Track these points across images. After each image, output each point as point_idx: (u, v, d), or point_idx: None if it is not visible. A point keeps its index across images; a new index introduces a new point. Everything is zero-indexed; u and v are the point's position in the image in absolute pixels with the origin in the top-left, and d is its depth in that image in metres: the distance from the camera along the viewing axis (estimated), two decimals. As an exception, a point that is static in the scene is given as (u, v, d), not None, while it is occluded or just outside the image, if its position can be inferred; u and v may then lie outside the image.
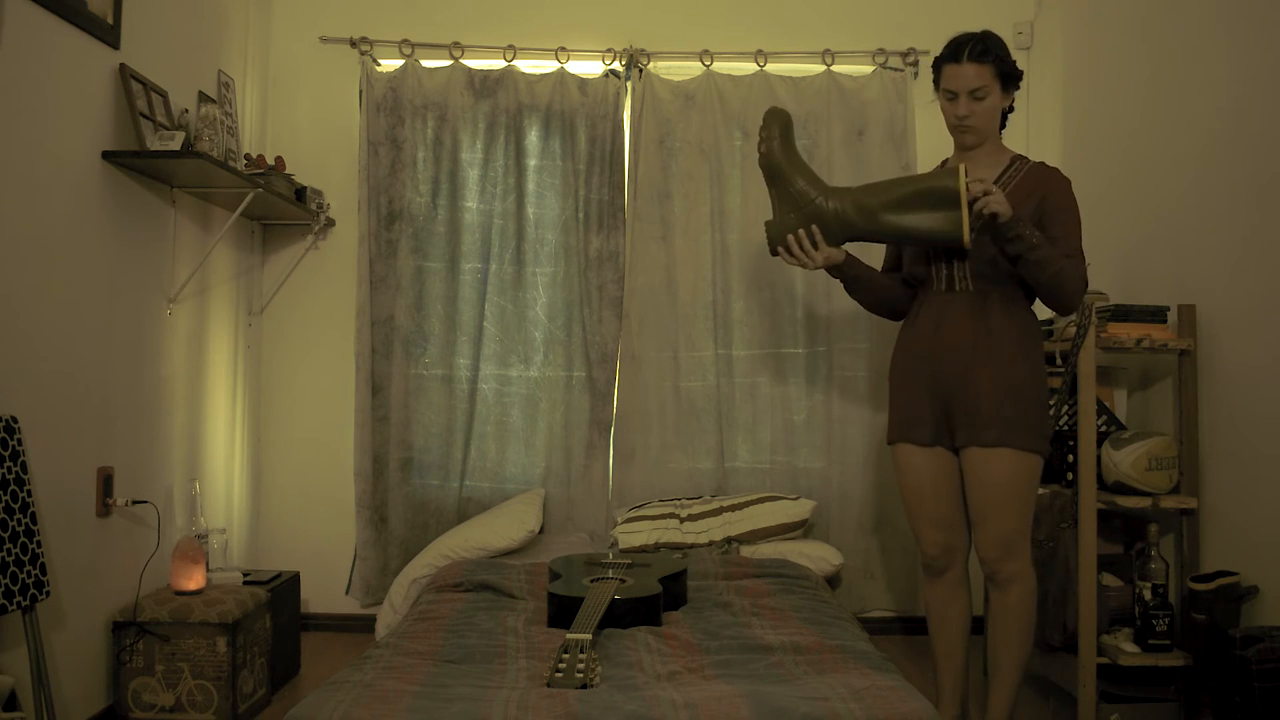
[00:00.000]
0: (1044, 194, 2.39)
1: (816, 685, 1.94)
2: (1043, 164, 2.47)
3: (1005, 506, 2.38)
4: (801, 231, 2.42)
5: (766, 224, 2.47)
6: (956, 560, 2.54)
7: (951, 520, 2.51)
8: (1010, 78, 2.43)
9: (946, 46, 2.45)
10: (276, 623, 3.11)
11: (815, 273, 3.75)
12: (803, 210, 2.42)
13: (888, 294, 2.61)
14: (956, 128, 2.46)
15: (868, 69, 3.82)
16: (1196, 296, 2.86)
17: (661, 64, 3.84)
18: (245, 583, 3.12)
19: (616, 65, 3.81)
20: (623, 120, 3.80)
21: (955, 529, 2.51)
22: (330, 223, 3.81)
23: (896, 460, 2.56)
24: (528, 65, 3.83)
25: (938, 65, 2.46)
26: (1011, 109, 2.52)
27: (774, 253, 2.47)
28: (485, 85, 3.78)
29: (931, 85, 2.52)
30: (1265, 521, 2.55)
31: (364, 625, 3.72)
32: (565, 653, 2.01)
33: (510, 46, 3.79)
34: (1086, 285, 2.38)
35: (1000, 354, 2.38)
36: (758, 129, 2.51)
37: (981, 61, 2.38)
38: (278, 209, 3.54)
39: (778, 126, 2.44)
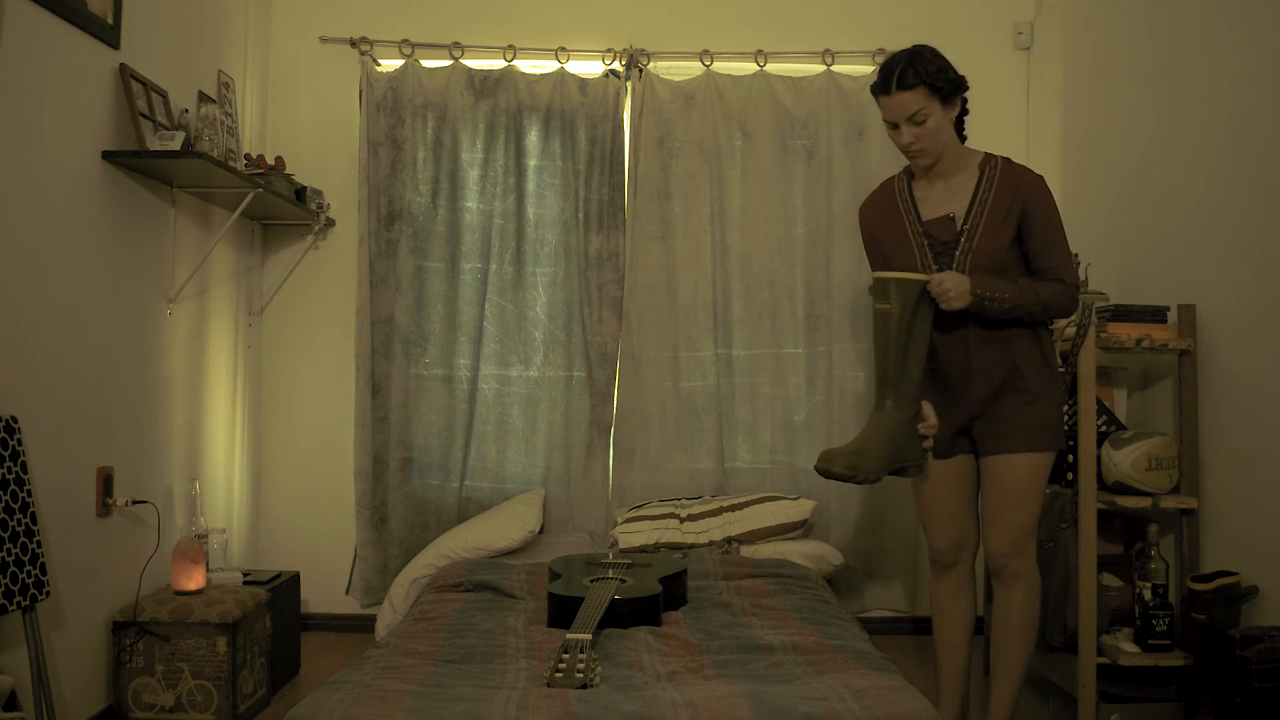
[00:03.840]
0: (1022, 203, 2.35)
1: (816, 685, 1.93)
2: (1009, 162, 2.40)
3: (1022, 503, 2.41)
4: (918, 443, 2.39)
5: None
6: (965, 556, 2.55)
7: (963, 516, 2.52)
8: (946, 92, 2.33)
9: (878, 74, 2.37)
10: (276, 623, 3.11)
11: (814, 272, 3.76)
12: (896, 444, 2.37)
13: None
14: (907, 154, 2.40)
15: (868, 69, 3.82)
16: (1196, 296, 2.86)
17: (661, 64, 3.83)
18: (245, 583, 3.12)
19: (616, 65, 3.81)
20: (623, 120, 3.79)
21: (966, 524, 2.53)
22: (330, 223, 3.81)
23: None
24: (528, 65, 3.82)
25: (874, 94, 2.38)
26: (965, 111, 2.44)
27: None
28: (485, 85, 3.78)
29: None
30: (1265, 521, 2.55)
31: (364, 625, 3.72)
32: (565, 653, 2.01)
33: (510, 46, 3.79)
34: (1078, 288, 2.41)
35: (1016, 361, 2.38)
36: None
37: (910, 88, 2.30)
38: (278, 209, 3.54)
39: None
